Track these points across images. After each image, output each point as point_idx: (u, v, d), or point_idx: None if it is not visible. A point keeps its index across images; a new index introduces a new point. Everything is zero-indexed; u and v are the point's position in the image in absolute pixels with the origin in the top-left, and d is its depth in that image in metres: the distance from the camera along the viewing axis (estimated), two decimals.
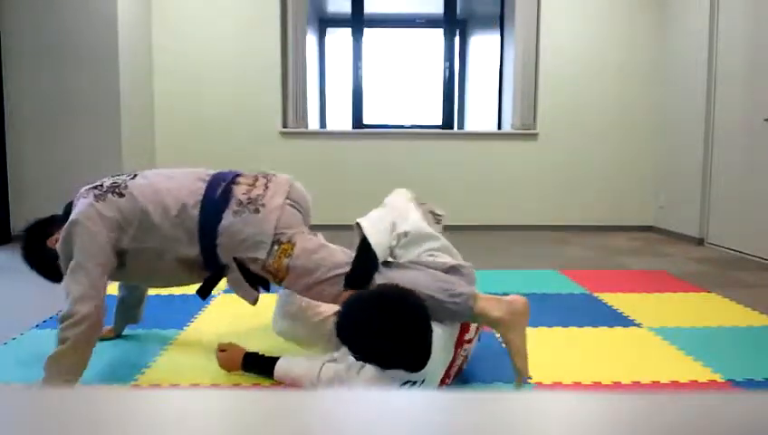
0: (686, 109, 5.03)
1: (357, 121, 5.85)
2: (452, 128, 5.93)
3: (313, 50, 6.01)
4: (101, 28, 4.63)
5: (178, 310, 2.80)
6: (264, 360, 2.05)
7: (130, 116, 4.87)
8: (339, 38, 6.17)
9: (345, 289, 1.90)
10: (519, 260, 4.16)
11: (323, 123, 6.17)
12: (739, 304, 3.00)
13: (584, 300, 3.09)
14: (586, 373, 2.13)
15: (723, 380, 2.07)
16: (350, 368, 1.79)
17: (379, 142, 5.55)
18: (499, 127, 5.90)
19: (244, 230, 1.95)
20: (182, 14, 5.34)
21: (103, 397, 0.38)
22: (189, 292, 3.03)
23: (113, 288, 2.33)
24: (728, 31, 4.55)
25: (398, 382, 1.70)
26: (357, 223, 1.98)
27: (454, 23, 5.97)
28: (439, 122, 5.93)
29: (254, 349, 2.10)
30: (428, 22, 6.19)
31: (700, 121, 4.82)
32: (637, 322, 2.69)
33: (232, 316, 2.73)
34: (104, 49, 4.64)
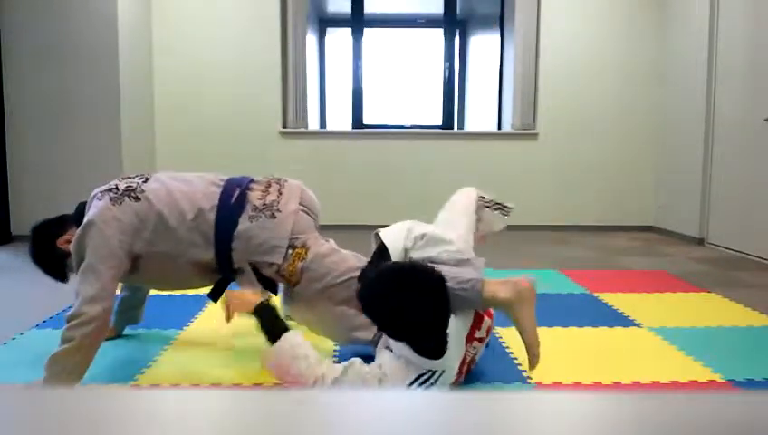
0: (686, 109, 5.03)
1: (357, 121, 5.85)
2: (452, 128, 5.93)
3: (313, 50, 6.01)
4: (101, 28, 4.63)
5: (178, 310, 2.80)
6: (278, 321, 1.83)
7: (130, 116, 4.87)
8: (339, 38, 6.16)
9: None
10: (519, 260, 4.15)
11: (323, 123, 6.17)
12: (739, 304, 3.00)
13: (584, 300, 3.09)
14: (586, 373, 2.13)
15: (723, 380, 2.07)
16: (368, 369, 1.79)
17: (379, 142, 5.55)
18: (499, 127, 5.90)
19: (260, 235, 1.98)
20: (182, 15, 5.34)
21: (103, 397, 0.38)
22: (189, 292, 3.03)
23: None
24: (728, 31, 4.55)
25: (418, 372, 1.73)
26: (376, 232, 2.04)
27: (454, 23, 5.97)
28: (439, 122, 5.93)
29: (256, 348, 2.09)
30: (428, 22, 6.19)
31: (700, 121, 4.82)
32: (637, 322, 2.69)
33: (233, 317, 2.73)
34: (104, 49, 4.64)
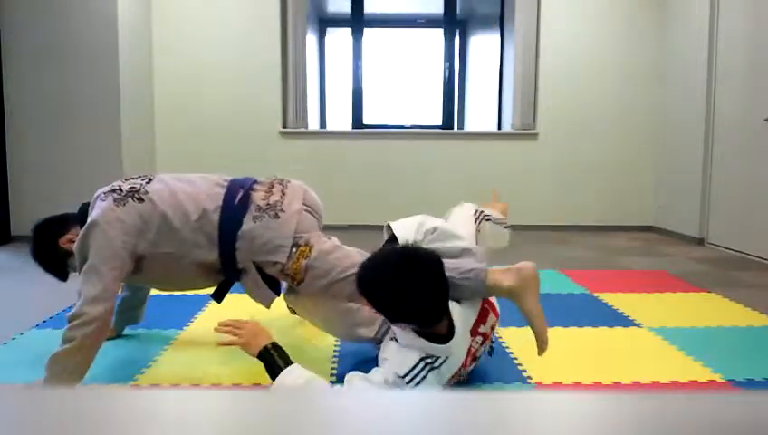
0: (686, 109, 5.03)
1: (357, 121, 5.84)
2: (452, 128, 5.93)
3: (313, 50, 6.01)
4: (101, 28, 4.62)
5: (178, 310, 2.80)
6: (281, 359, 1.81)
7: (130, 116, 4.87)
8: (339, 38, 6.16)
9: None
10: (519, 260, 4.15)
11: (323, 123, 6.17)
12: (739, 304, 2.99)
13: (584, 300, 3.09)
14: (586, 373, 2.13)
15: (723, 380, 2.07)
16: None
17: (379, 142, 5.55)
18: (499, 127, 5.90)
19: (264, 235, 1.99)
20: (182, 15, 5.34)
21: (103, 397, 0.38)
22: (189, 292, 3.03)
23: None
24: (728, 31, 4.55)
25: (421, 355, 1.72)
26: (387, 224, 2.06)
27: (454, 23, 5.97)
28: (439, 122, 5.93)
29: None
30: (428, 22, 6.19)
31: (700, 121, 4.82)
32: (637, 322, 2.69)
33: (232, 316, 2.73)
34: (104, 49, 4.64)
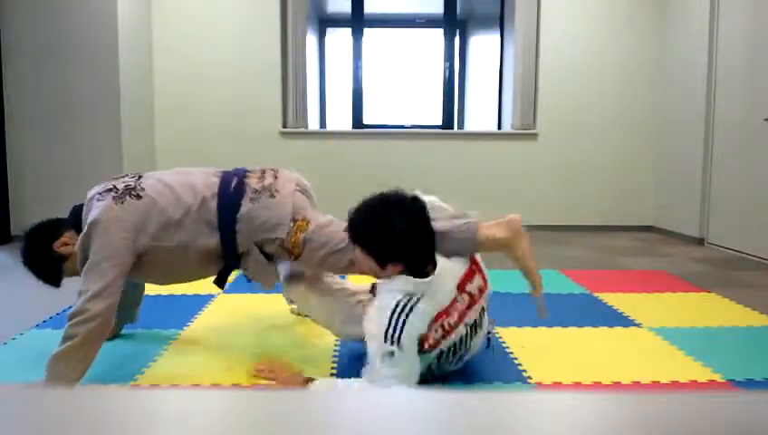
0: (686, 109, 5.03)
1: (357, 121, 5.84)
2: (452, 128, 5.93)
3: (313, 50, 6.01)
4: (101, 28, 4.62)
5: (178, 310, 2.80)
6: None
7: (130, 116, 4.87)
8: (339, 38, 6.16)
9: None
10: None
11: (323, 123, 6.16)
12: (739, 304, 2.99)
13: (584, 300, 3.09)
14: (586, 373, 2.12)
15: (723, 380, 2.07)
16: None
17: (379, 142, 5.55)
18: (499, 127, 5.90)
19: (262, 214, 2.05)
20: (182, 14, 5.34)
21: (103, 397, 0.38)
22: (189, 292, 3.03)
23: None
24: (728, 31, 4.55)
25: (398, 297, 1.77)
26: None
27: (454, 23, 5.97)
28: (439, 122, 5.93)
29: (256, 348, 2.09)
30: (428, 22, 6.18)
31: (700, 121, 4.82)
32: (637, 322, 2.69)
33: (232, 316, 2.73)
34: (104, 49, 4.64)
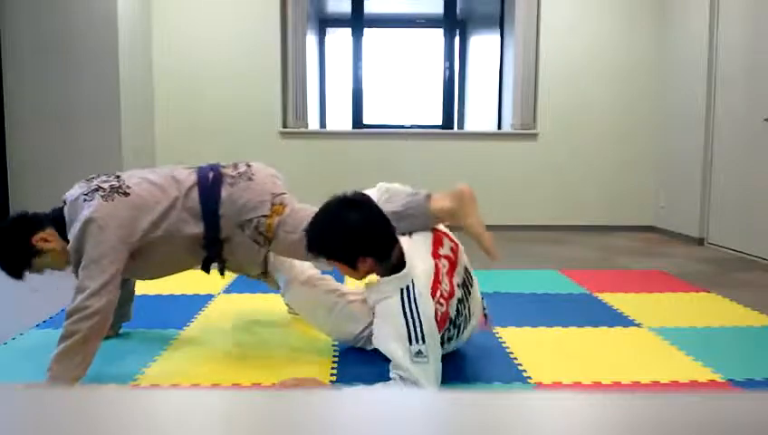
0: (686, 109, 5.03)
1: (357, 121, 5.84)
2: (452, 128, 5.93)
3: (313, 50, 6.01)
4: (102, 27, 4.62)
5: (178, 310, 2.80)
6: None
7: (130, 115, 4.87)
8: (339, 38, 6.16)
9: None
10: (519, 260, 4.15)
11: (323, 123, 6.16)
12: (739, 304, 2.99)
13: (584, 300, 3.09)
14: (586, 373, 2.13)
15: (723, 380, 2.07)
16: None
17: (379, 142, 5.55)
18: (499, 127, 5.90)
19: (243, 196, 2.13)
20: (182, 14, 5.34)
21: (103, 397, 0.38)
22: (189, 292, 3.04)
23: None
24: (728, 31, 4.55)
25: (397, 296, 1.82)
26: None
27: (454, 23, 5.97)
28: (439, 122, 5.92)
29: (256, 348, 2.10)
30: (428, 22, 6.18)
31: (700, 121, 4.82)
32: (637, 322, 2.69)
33: (232, 316, 2.73)
34: (104, 49, 4.64)
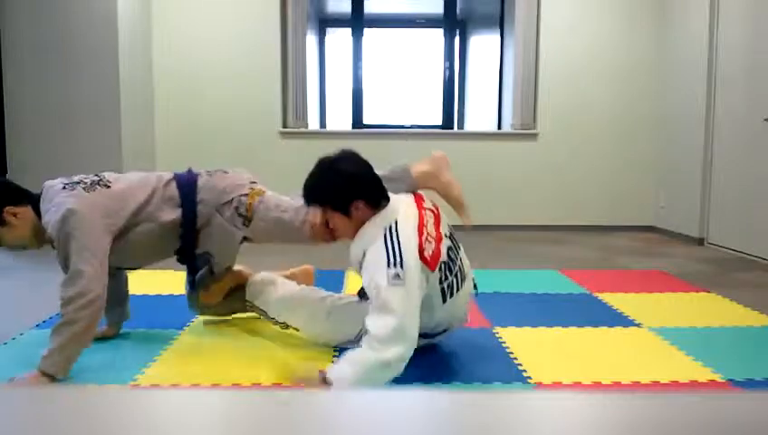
0: (686, 109, 5.03)
1: (357, 121, 5.84)
2: (452, 128, 5.93)
3: (313, 50, 6.01)
4: (102, 28, 4.62)
5: (179, 310, 2.80)
6: None
7: (130, 115, 4.87)
8: (339, 38, 6.16)
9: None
10: (519, 260, 4.15)
11: (323, 123, 6.16)
12: (739, 304, 2.99)
13: (584, 300, 3.09)
14: (586, 373, 2.13)
15: (723, 380, 2.07)
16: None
17: (379, 142, 5.54)
18: (499, 127, 5.89)
19: (221, 182, 2.28)
20: (182, 14, 5.34)
21: (103, 397, 0.38)
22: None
23: None
24: (728, 31, 4.55)
25: (383, 234, 1.90)
26: None
27: (454, 23, 5.97)
28: (439, 122, 5.92)
29: (256, 348, 2.09)
30: (428, 22, 6.18)
31: (700, 121, 4.82)
32: (637, 322, 2.69)
33: (232, 316, 2.73)
34: (104, 48, 4.63)
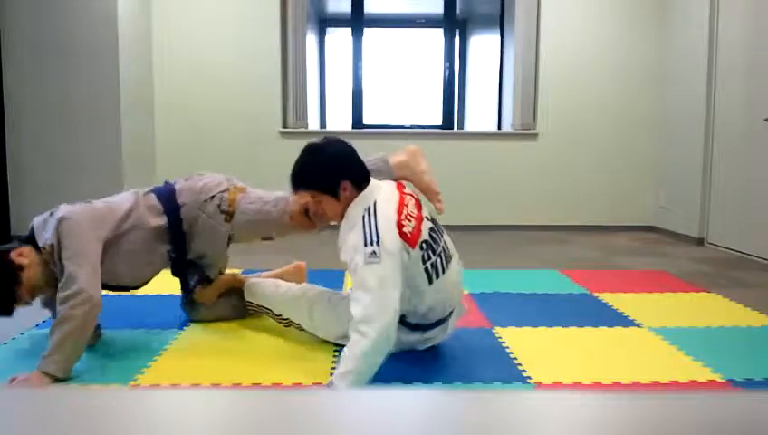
0: (686, 109, 5.03)
1: (357, 121, 5.84)
2: (452, 128, 5.93)
3: (313, 50, 6.01)
4: (102, 27, 4.62)
5: (179, 310, 2.80)
6: None
7: (130, 115, 4.87)
8: (339, 38, 6.16)
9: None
10: (519, 260, 4.15)
11: (323, 123, 6.16)
12: (739, 304, 2.99)
13: (584, 300, 3.09)
14: (586, 373, 2.13)
15: (723, 380, 2.07)
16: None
17: (379, 142, 5.53)
18: (499, 127, 5.90)
19: (199, 182, 2.38)
20: (182, 14, 5.34)
21: (103, 397, 0.38)
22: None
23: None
24: (728, 31, 4.55)
25: (362, 215, 1.97)
26: None
27: (454, 23, 5.97)
28: (439, 122, 5.92)
29: (256, 348, 2.09)
30: (428, 22, 6.18)
31: (700, 121, 4.82)
32: (637, 322, 2.69)
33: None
34: (104, 48, 4.64)
